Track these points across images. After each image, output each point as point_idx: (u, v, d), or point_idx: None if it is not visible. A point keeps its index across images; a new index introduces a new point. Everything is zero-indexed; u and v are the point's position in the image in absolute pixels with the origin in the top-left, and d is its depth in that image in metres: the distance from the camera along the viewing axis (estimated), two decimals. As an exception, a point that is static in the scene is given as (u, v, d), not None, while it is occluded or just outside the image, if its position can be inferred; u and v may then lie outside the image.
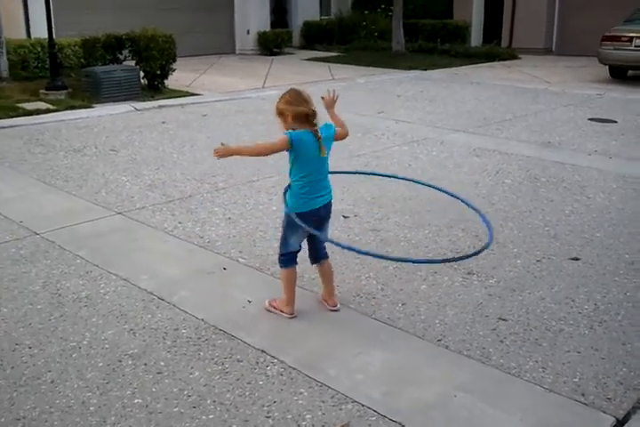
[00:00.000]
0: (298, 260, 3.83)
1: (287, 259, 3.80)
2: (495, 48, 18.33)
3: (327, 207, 3.72)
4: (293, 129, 3.53)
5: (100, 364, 3.34)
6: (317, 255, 3.87)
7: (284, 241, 3.77)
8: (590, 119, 9.78)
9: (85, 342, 3.53)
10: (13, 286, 4.19)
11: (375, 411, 2.98)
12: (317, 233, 3.58)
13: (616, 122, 9.60)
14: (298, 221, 3.45)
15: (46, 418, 2.92)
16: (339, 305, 3.89)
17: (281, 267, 3.85)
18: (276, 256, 4.60)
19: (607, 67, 14.12)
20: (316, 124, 3.55)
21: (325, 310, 3.89)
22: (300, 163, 3.56)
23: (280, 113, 3.60)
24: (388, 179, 4.40)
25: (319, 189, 3.64)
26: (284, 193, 3.69)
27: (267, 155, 3.71)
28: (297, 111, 3.51)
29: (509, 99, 11.62)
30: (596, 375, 3.27)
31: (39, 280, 4.28)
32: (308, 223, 3.47)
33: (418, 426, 2.90)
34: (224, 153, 3.57)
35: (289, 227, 3.71)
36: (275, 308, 3.86)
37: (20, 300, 4.01)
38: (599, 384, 3.20)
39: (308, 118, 3.52)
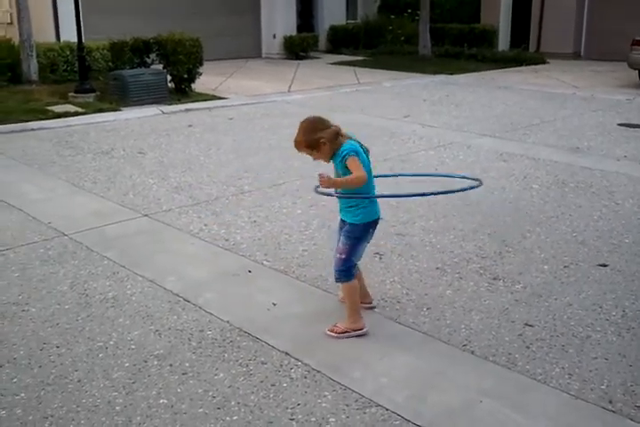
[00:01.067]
0: (312, 260, 3.80)
1: (352, 271, 3.64)
2: (523, 52, 18.20)
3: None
4: (334, 150, 3.48)
5: (127, 364, 3.36)
6: None
7: (353, 254, 3.61)
8: (619, 124, 9.67)
9: (112, 343, 3.57)
10: (42, 286, 4.24)
11: (399, 415, 2.97)
12: None
13: (645, 127, 9.49)
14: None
15: (73, 417, 2.95)
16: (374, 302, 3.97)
17: (346, 281, 3.63)
18: (302, 259, 4.65)
19: (637, 71, 13.96)
20: (345, 134, 3.55)
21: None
22: None
23: (312, 145, 3.47)
24: (415, 184, 4.42)
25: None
26: (350, 207, 3.61)
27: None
28: (331, 133, 3.45)
29: (537, 104, 11.53)
30: (624, 383, 3.23)
31: (67, 281, 4.33)
32: (371, 230, 3.67)
33: (442, 431, 2.88)
34: (328, 185, 3.42)
35: (362, 238, 3.62)
36: (346, 332, 3.62)
37: (48, 300, 4.06)
38: (627, 392, 3.16)
39: (340, 133, 3.51)
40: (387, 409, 3.01)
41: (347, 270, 3.62)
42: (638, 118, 10.12)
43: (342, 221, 3.72)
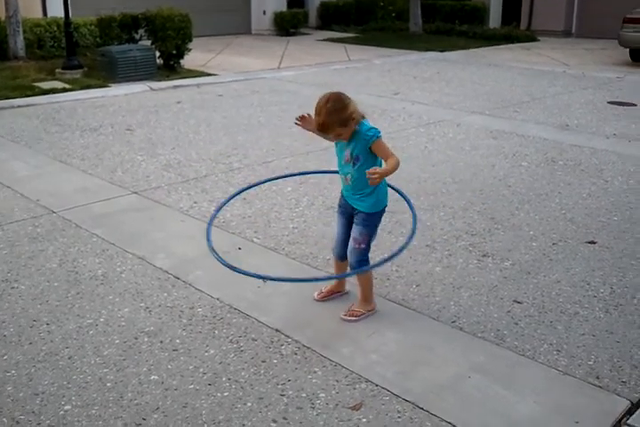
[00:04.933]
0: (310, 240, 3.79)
1: (369, 258, 3.59)
2: (514, 30, 18.08)
3: None
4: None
5: (117, 341, 3.37)
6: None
7: (371, 240, 3.53)
8: (610, 102, 9.67)
9: (102, 320, 3.57)
10: (31, 264, 4.23)
11: (388, 391, 2.99)
12: None
13: (636, 105, 9.48)
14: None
15: (64, 393, 2.96)
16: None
17: (366, 268, 3.55)
18: (292, 237, 4.65)
19: (628, 50, 13.92)
20: None
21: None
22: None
23: (345, 123, 3.18)
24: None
25: None
26: (365, 195, 3.43)
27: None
28: (356, 108, 3.21)
29: (527, 81, 11.49)
30: (610, 359, 3.27)
31: (56, 258, 4.32)
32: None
33: (431, 406, 2.90)
34: (381, 178, 3.19)
35: (378, 224, 3.57)
36: (362, 314, 3.58)
37: (37, 277, 4.05)
38: (614, 368, 3.19)
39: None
40: (376, 385, 3.03)
41: (367, 259, 3.56)
42: (628, 96, 10.11)
43: (351, 207, 3.51)
